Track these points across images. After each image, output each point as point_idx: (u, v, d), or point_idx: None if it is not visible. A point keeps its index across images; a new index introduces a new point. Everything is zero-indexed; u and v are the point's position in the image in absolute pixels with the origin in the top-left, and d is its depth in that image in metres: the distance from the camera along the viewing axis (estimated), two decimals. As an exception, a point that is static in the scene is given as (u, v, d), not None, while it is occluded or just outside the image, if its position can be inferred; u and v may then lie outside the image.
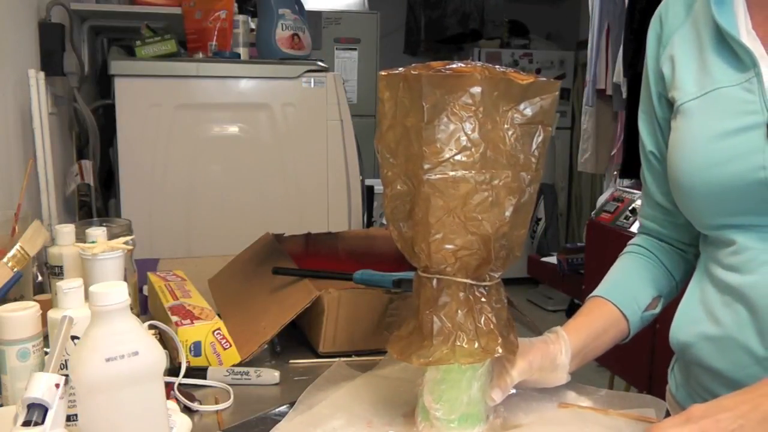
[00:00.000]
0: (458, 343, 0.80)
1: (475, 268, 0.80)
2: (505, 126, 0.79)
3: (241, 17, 2.24)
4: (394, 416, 0.90)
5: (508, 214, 0.79)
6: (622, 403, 0.91)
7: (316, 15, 4.47)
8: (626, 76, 3.09)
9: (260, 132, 2.11)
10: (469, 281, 0.81)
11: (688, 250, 0.99)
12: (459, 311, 0.80)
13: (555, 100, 0.81)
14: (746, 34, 0.83)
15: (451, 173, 0.77)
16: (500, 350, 0.80)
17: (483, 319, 0.81)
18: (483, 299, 0.82)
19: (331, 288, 1.14)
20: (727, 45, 0.83)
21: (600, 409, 0.90)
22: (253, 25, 2.37)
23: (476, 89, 0.76)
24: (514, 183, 0.79)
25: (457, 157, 0.77)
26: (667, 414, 0.91)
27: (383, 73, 0.81)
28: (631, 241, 1.04)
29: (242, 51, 2.23)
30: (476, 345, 0.80)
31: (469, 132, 0.77)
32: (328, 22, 4.64)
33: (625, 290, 0.97)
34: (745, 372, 0.81)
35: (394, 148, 0.81)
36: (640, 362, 2.54)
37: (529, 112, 0.80)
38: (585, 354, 0.91)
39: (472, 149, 0.77)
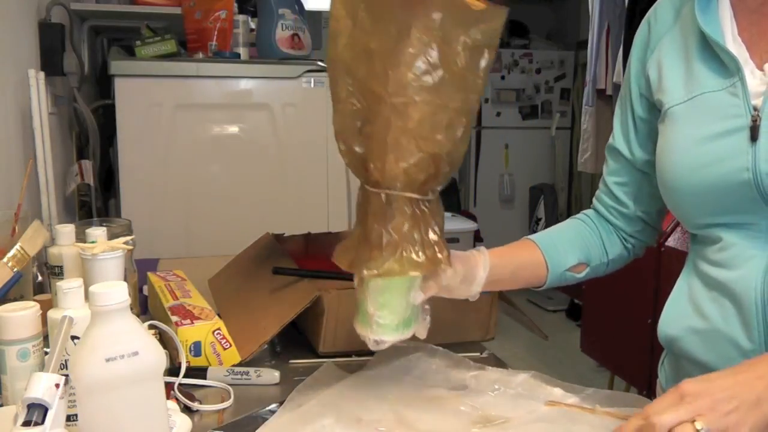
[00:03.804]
0: (405, 254, 0.84)
1: (421, 183, 0.85)
2: (458, 48, 0.82)
3: (241, 17, 2.24)
4: (384, 413, 0.90)
5: (459, 134, 0.84)
6: (609, 402, 0.93)
7: (316, 15, 4.46)
8: (626, 76, 3.08)
9: (260, 132, 2.11)
10: (416, 196, 0.85)
11: (629, 240, 1.04)
12: (406, 224, 0.85)
13: (501, 26, 0.85)
14: (731, 40, 0.85)
15: (414, 97, 0.81)
16: (444, 260, 0.86)
17: (428, 231, 0.86)
18: (427, 212, 0.86)
19: (331, 288, 1.14)
20: (712, 51, 0.86)
21: (587, 407, 0.91)
22: (253, 25, 2.37)
23: (438, 14, 0.81)
24: (465, 105, 0.84)
25: (419, 81, 0.81)
26: None
27: None
28: (583, 211, 1.08)
29: (242, 51, 2.23)
30: (422, 256, 0.84)
31: (431, 57, 0.81)
32: (328, 22, 4.64)
33: (555, 243, 1.01)
34: (732, 364, 0.82)
35: (351, 67, 0.84)
36: (640, 362, 2.54)
37: (478, 36, 0.83)
38: (498, 281, 0.96)
39: (433, 74, 0.81)
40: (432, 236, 0.86)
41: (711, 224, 0.86)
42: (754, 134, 0.79)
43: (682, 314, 0.89)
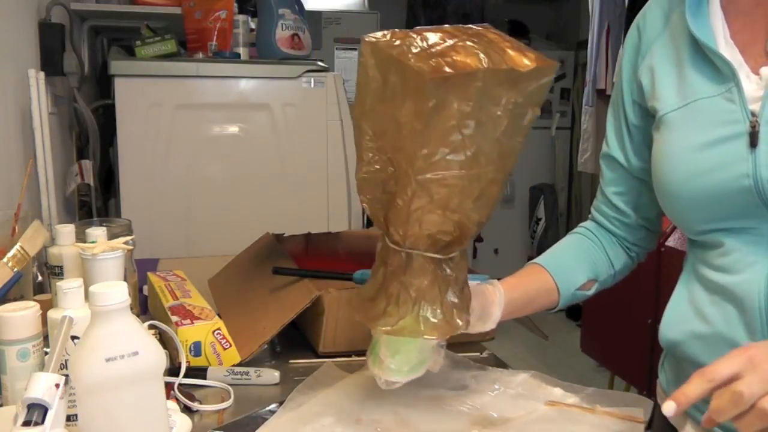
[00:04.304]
0: (422, 314, 0.81)
1: (445, 245, 0.81)
2: (498, 113, 0.76)
3: (241, 17, 2.24)
4: (383, 413, 0.90)
5: (491, 203, 0.81)
6: (609, 401, 0.93)
7: (316, 15, 4.47)
8: (626, 76, 3.08)
9: (260, 132, 2.11)
10: (438, 256, 0.82)
11: (632, 248, 1.03)
12: (425, 283, 0.81)
13: (550, 82, 0.79)
14: (724, 44, 0.83)
15: (441, 173, 0.76)
16: (463, 324, 0.83)
17: (448, 293, 0.82)
18: (449, 272, 0.83)
19: (331, 288, 1.14)
20: (704, 56, 0.84)
21: (587, 407, 0.91)
22: (253, 25, 2.37)
23: (478, 84, 0.72)
24: (499, 175, 0.79)
25: (450, 157, 0.75)
26: (656, 409, 0.92)
27: (368, 40, 0.76)
28: (581, 224, 1.07)
29: (242, 51, 2.23)
30: (439, 319, 0.82)
31: (465, 130, 0.74)
32: (328, 22, 4.64)
33: (563, 265, 1.00)
34: None
35: (378, 131, 0.79)
36: (640, 362, 2.54)
37: (521, 98, 0.77)
38: (512, 312, 0.95)
39: (466, 150, 0.75)
40: (451, 298, 0.82)
41: (711, 230, 0.85)
42: (753, 140, 0.78)
43: (683, 318, 0.89)
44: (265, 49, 2.20)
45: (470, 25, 0.80)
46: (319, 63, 2.18)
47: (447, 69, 0.71)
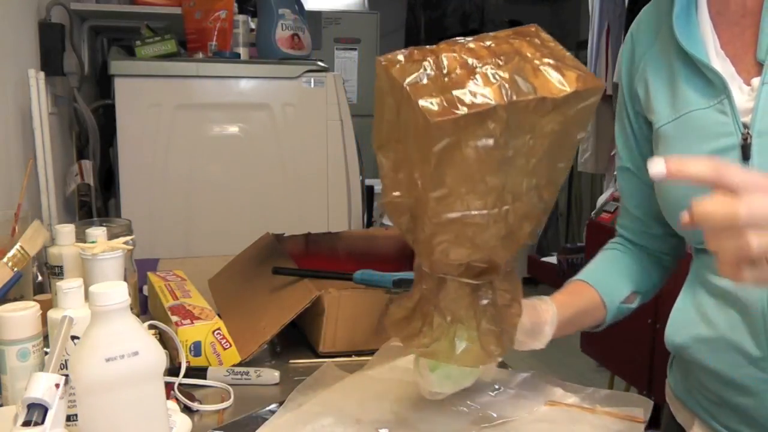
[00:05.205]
0: (457, 339, 0.78)
1: (476, 274, 0.77)
2: (531, 143, 0.66)
3: (241, 17, 2.24)
4: (383, 413, 0.90)
5: (521, 240, 0.73)
6: (610, 402, 0.93)
7: (316, 15, 4.47)
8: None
9: (260, 132, 2.11)
10: (472, 282, 0.77)
11: (664, 258, 1.01)
12: (461, 308, 0.78)
13: (596, 102, 0.68)
14: (715, 55, 0.82)
15: (461, 213, 0.68)
16: (497, 354, 0.79)
17: (486, 318, 0.78)
18: (487, 296, 0.78)
19: (331, 288, 1.14)
20: (696, 68, 0.83)
21: (587, 407, 0.91)
22: (253, 25, 2.37)
23: (497, 120, 0.63)
24: (532, 209, 0.71)
25: (469, 197, 0.67)
26: (657, 410, 0.92)
27: (383, 63, 0.68)
28: (610, 241, 1.05)
29: (242, 51, 2.23)
30: (476, 345, 0.78)
31: (485, 173, 0.66)
32: (328, 22, 4.63)
33: (606, 279, 0.98)
34: (741, 372, 0.82)
35: (396, 162, 0.73)
36: (640, 362, 2.54)
37: (561, 123, 0.66)
38: (563, 330, 0.93)
39: (487, 192, 0.67)
40: (488, 325, 0.77)
41: None
42: (745, 153, 0.77)
43: (688, 322, 0.88)
44: (265, 49, 2.20)
45: (516, 29, 0.71)
46: (319, 63, 2.18)
47: (457, 109, 0.62)
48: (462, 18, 5.60)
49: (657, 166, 0.59)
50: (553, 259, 3.90)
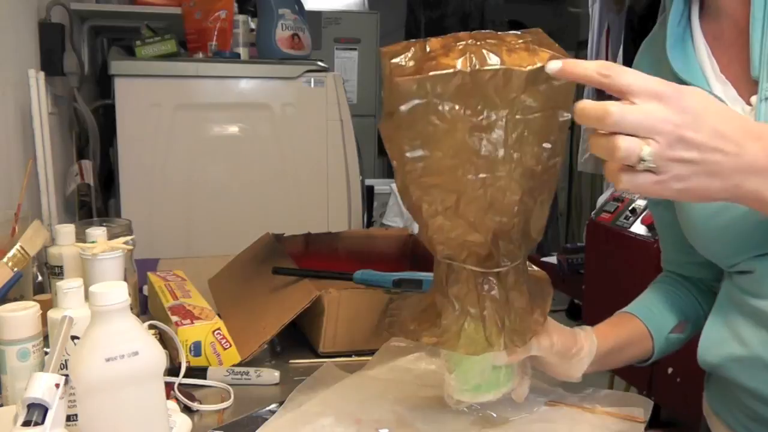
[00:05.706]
0: (465, 328, 0.78)
1: (484, 258, 0.77)
2: (508, 116, 0.69)
3: (241, 17, 2.25)
4: (383, 413, 0.90)
5: (505, 213, 0.74)
6: (610, 401, 0.93)
7: (316, 15, 4.48)
8: (626, 76, 3.09)
9: (260, 132, 2.11)
10: (479, 269, 0.77)
11: (714, 285, 0.99)
12: (467, 296, 0.78)
13: (571, 83, 0.70)
14: (715, 80, 0.82)
15: (439, 178, 0.72)
16: (502, 345, 0.78)
17: (487, 308, 0.78)
18: (493, 289, 0.78)
19: (331, 288, 1.14)
20: None
21: (587, 407, 0.91)
22: (253, 25, 2.37)
23: (459, 84, 0.67)
24: (512, 184, 0.73)
25: (445, 161, 0.71)
26: (657, 410, 0.91)
27: (384, 50, 0.72)
28: (659, 276, 1.04)
29: (242, 51, 2.23)
30: (481, 334, 0.78)
31: (459, 138, 0.69)
32: (328, 22, 4.64)
33: (652, 309, 0.97)
34: None
35: (394, 156, 0.76)
36: (640, 362, 2.54)
37: (536, 100, 0.69)
38: (604, 362, 0.91)
39: (464, 158, 0.71)
40: (488, 315, 0.78)
41: (740, 260, 0.84)
42: None
43: (721, 341, 0.87)
44: (265, 49, 2.20)
45: (523, 31, 0.74)
46: (319, 63, 2.19)
47: (420, 74, 0.68)
48: (462, 18, 5.61)
49: (554, 64, 0.62)
50: (553, 259, 3.90)
